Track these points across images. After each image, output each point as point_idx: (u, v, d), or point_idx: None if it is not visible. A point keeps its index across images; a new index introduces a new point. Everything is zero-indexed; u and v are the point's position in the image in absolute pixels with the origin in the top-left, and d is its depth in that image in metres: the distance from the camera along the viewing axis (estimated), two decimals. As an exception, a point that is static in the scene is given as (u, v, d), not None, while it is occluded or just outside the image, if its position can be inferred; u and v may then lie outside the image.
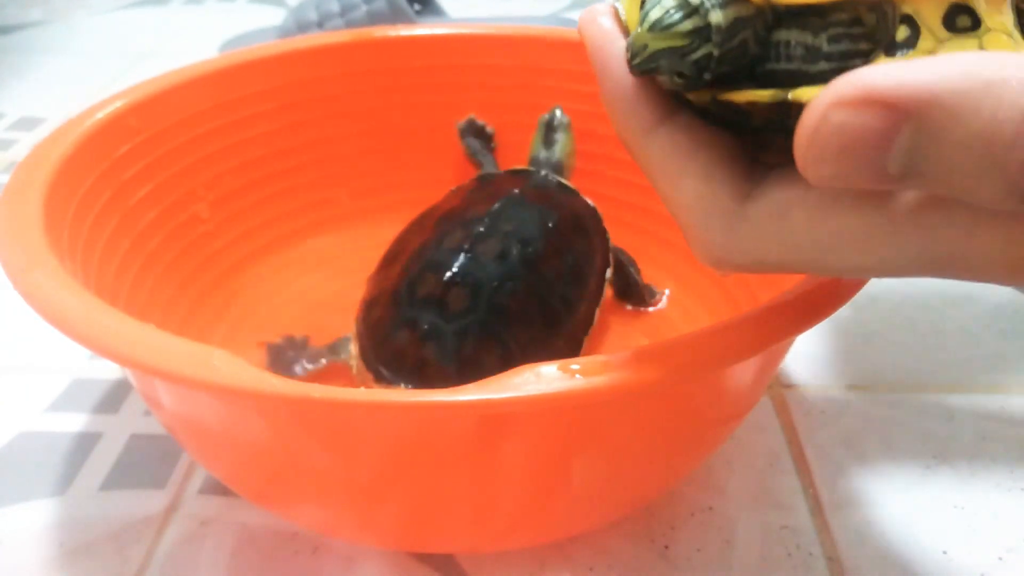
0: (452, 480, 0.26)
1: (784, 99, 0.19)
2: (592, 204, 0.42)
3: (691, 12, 0.19)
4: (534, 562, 0.31)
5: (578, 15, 0.23)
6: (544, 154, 0.44)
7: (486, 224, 0.38)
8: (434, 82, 0.47)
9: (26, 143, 0.66)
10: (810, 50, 0.19)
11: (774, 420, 0.38)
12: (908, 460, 0.36)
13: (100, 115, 0.36)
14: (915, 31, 0.17)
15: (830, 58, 0.19)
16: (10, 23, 0.93)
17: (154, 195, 0.39)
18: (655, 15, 0.20)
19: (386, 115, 0.47)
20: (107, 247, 0.35)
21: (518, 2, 0.93)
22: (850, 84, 0.15)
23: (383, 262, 0.40)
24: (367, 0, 0.69)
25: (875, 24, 0.18)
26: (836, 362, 0.42)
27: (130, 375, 0.28)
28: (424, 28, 0.48)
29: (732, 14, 0.19)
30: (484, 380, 0.22)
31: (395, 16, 0.70)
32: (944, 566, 0.32)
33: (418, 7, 0.77)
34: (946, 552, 0.32)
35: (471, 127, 0.47)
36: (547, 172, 0.43)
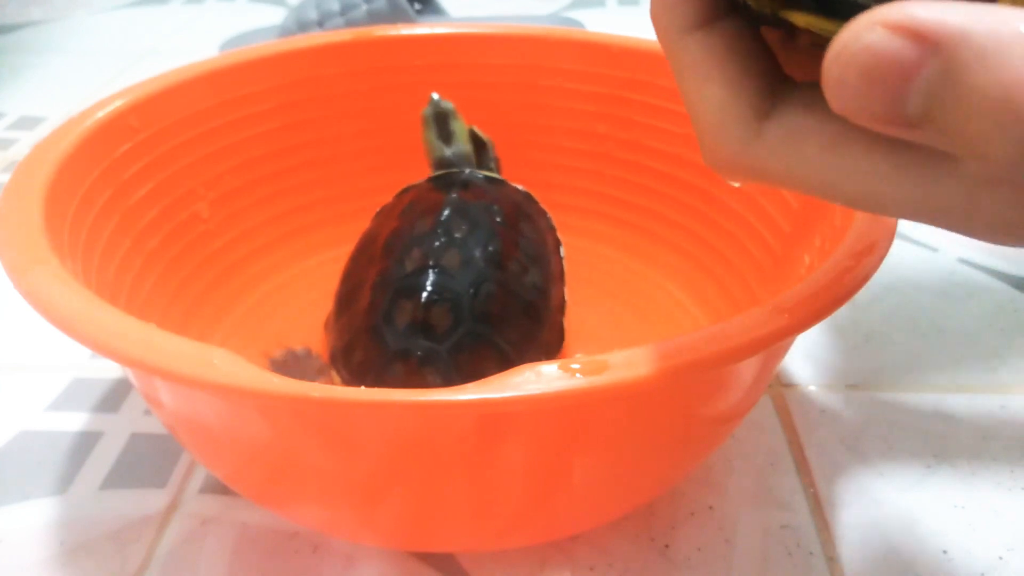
0: (452, 479, 0.26)
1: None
2: (523, 188, 0.41)
3: None
4: (534, 561, 0.32)
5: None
6: (448, 151, 0.42)
7: (439, 236, 0.37)
8: (434, 81, 0.47)
9: (26, 143, 0.66)
10: None
11: (774, 420, 0.38)
12: (908, 460, 0.36)
13: (100, 114, 0.36)
14: None
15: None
16: (10, 23, 0.93)
17: (154, 194, 0.39)
18: None
19: (386, 115, 0.47)
20: (107, 246, 0.35)
21: (518, 1, 0.93)
22: (894, 9, 0.15)
23: (340, 305, 0.38)
24: (367, -1, 0.69)
25: None
26: (836, 362, 0.42)
27: (130, 374, 0.28)
28: (424, 27, 0.48)
29: None
30: (484, 380, 0.22)
31: (395, 15, 0.70)
32: (944, 566, 0.32)
33: (418, 6, 0.77)
34: (946, 552, 0.32)
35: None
36: (469, 169, 0.42)
